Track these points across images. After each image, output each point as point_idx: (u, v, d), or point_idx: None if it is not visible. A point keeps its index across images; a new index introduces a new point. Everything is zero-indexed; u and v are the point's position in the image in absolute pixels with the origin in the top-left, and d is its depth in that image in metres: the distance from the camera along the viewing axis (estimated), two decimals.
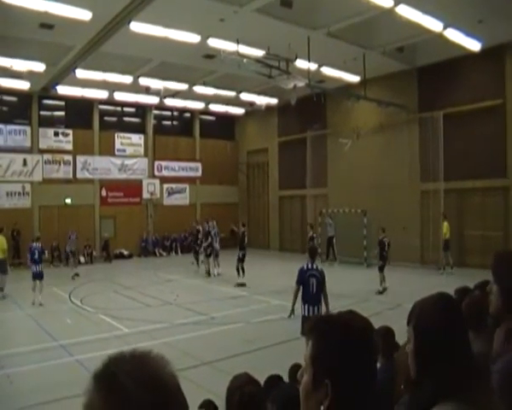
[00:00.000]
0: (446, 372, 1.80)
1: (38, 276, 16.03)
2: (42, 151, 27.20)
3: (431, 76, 22.53)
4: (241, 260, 19.46)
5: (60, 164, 27.74)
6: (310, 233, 20.28)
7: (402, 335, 4.33)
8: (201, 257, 22.37)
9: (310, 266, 9.11)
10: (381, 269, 16.98)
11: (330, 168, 27.90)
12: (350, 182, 25.83)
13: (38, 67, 21.03)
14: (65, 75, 22.74)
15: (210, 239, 21.46)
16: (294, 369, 4.30)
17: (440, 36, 18.05)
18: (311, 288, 8.93)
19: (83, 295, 17.47)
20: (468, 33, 18.32)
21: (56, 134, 27.84)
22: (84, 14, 15.66)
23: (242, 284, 18.74)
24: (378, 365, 4.42)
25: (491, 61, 20.37)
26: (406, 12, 15.97)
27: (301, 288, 9.03)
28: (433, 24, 17.11)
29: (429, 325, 1.92)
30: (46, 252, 17.99)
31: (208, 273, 21.37)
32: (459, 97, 21.29)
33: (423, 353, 1.91)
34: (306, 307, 8.93)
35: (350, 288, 17.58)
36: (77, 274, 22.02)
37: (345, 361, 1.46)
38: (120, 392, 0.98)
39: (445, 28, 17.55)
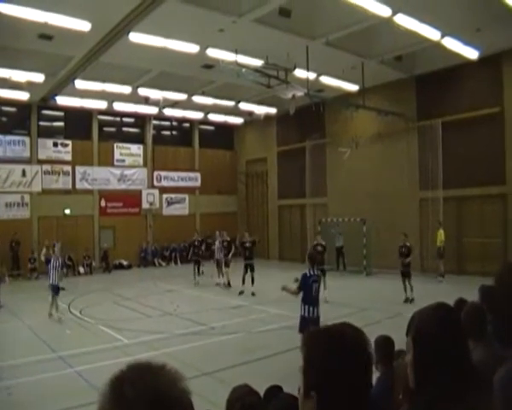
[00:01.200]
0: (444, 382, 1.79)
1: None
2: (41, 162, 27.19)
3: (429, 84, 22.61)
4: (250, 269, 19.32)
5: (59, 175, 27.73)
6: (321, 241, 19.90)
7: (401, 344, 4.33)
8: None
9: (312, 272, 9.65)
10: (404, 275, 16.61)
11: (329, 177, 27.92)
12: (349, 191, 25.84)
13: (38, 77, 21.10)
14: (64, 86, 22.78)
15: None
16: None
17: (438, 44, 18.16)
18: (313, 291, 9.54)
19: (82, 306, 17.42)
20: (466, 42, 18.45)
21: (55, 145, 27.84)
22: (83, 25, 15.72)
23: (253, 294, 18.68)
24: (377, 374, 4.43)
25: (489, 69, 20.45)
26: (404, 21, 16.06)
27: (303, 291, 9.50)
28: (430, 33, 17.21)
29: (428, 336, 1.91)
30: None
31: (229, 284, 20.85)
32: (457, 105, 21.37)
33: (422, 363, 1.91)
34: (307, 308, 9.47)
35: (349, 297, 17.57)
36: (62, 288, 21.45)
37: (331, 374, 1.48)
38: (122, 402, 1.00)
39: (442, 37, 17.66)
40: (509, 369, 2.03)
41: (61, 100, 25.38)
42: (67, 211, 27.61)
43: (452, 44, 18.37)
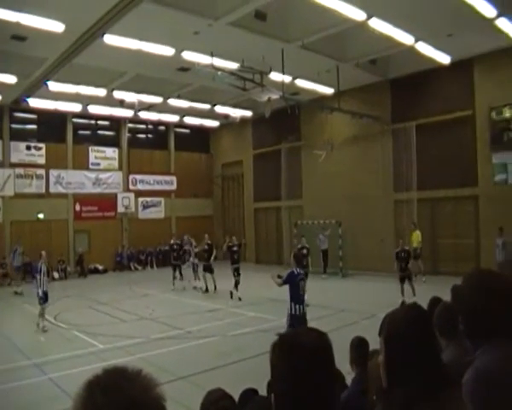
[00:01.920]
0: (416, 382, 1.81)
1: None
2: (13, 165, 26.74)
3: (403, 88, 22.88)
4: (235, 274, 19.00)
5: (32, 178, 27.30)
6: (305, 244, 19.89)
7: (377, 345, 4.36)
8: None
9: (299, 271, 10.04)
10: (403, 280, 16.48)
11: (305, 180, 28.05)
12: (324, 193, 25.98)
13: (10, 79, 20.76)
14: (37, 88, 22.45)
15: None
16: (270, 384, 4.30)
17: (412, 49, 18.45)
18: (300, 289, 9.86)
19: (57, 311, 17.16)
20: (438, 47, 18.74)
21: (28, 148, 27.43)
22: (57, 26, 15.52)
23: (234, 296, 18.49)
24: (352, 375, 4.46)
25: (461, 73, 20.80)
26: (378, 25, 16.27)
27: (291, 289, 9.83)
28: (404, 37, 17.49)
29: (398, 336, 1.93)
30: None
31: (207, 290, 20.56)
32: (431, 109, 21.67)
33: (393, 363, 1.93)
34: (296, 306, 9.79)
35: (326, 298, 17.64)
36: (20, 292, 21.20)
37: (286, 379, 1.52)
38: (93, 408, 0.99)
39: (416, 41, 17.93)
40: (477, 367, 2.06)
41: (35, 102, 24.94)
42: (41, 215, 27.19)
43: (425, 49, 18.68)
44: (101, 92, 23.66)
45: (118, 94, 24.22)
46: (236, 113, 29.09)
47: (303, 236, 20.76)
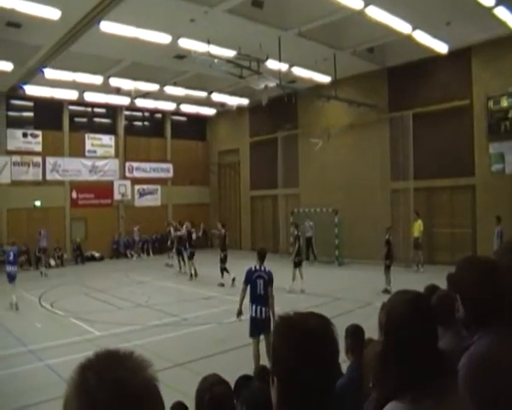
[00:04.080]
0: (412, 369, 1.82)
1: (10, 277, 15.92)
2: (10, 153, 26.61)
3: (401, 76, 22.81)
4: (222, 261, 19.41)
5: (29, 166, 27.20)
6: (295, 232, 20.07)
7: (372, 333, 4.39)
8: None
9: (258, 267, 9.21)
10: (388, 268, 16.86)
11: (301, 168, 28.04)
12: (321, 181, 25.98)
13: (6, 66, 20.59)
14: (33, 75, 22.34)
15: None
16: (262, 371, 4.34)
17: (409, 37, 18.34)
18: (258, 289, 9.03)
19: (53, 298, 17.21)
20: (436, 35, 18.67)
21: (25, 135, 27.31)
22: (53, 13, 15.37)
23: (222, 285, 18.71)
24: (348, 363, 4.49)
25: (459, 62, 20.74)
26: (376, 13, 16.18)
27: (249, 289, 9.12)
28: (401, 25, 17.39)
29: (396, 324, 1.94)
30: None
31: (191, 276, 21.01)
32: (428, 97, 21.63)
33: (389, 350, 1.94)
34: (254, 307, 9.03)
35: (322, 286, 17.72)
36: (45, 274, 22.71)
37: (293, 362, 1.49)
38: (86, 392, 0.99)
39: (413, 30, 17.84)
40: (471, 354, 2.08)
41: (31, 90, 24.81)
42: (38, 203, 27.14)
43: (423, 37, 18.59)
44: (97, 80, 23.54)
45: (114, 81, 24.10)
46: (233, 101, 29.04)
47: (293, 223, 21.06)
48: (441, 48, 19.80)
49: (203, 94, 27.51)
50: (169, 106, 30.70)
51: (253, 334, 9.01)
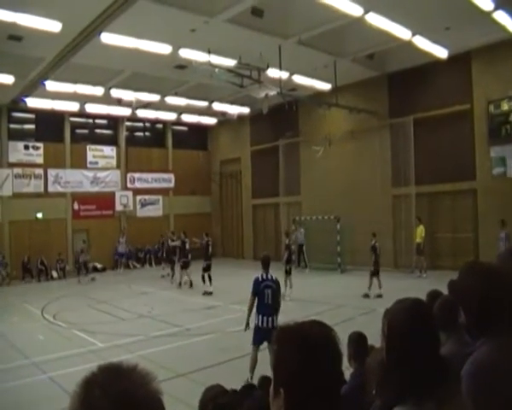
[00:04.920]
0: (409, 375, 1.81)
1: None
2: (11, 165, 26.67)
3: (401, 82, 22.83)
4: (205, 269, 19.60)
5: (30, 178, 27.24)
6: (286, 241, 20.31)
7: (375, 340, 4.36)
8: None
9: (265, 276, 9.03)
10: (374, 274, 17.14)
11: (303, 176, 28.03)
12: (323, 189, 25.96)
13: (7, 79, 20.68)
14: (35, 87, 22.42)
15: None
16: (263, 380, 4.31)
17: (409, 43, 18.37)
18: (266, 299, 8.85)
19: (55, 310, 17.19)
20: (436, 40, 18.70)
21: (26, 147, 27.37)
22: (54, 26, 15.44)
23: (209, 293, 18.87)
24: (351, 370, 4.46)
25: (459, 67, 20.75)
26: (375, 20, 16.22)
27: (257, 299, 8.94)
28: (401, 32, 17.42)
29: (397, 331, 1.93)
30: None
31: (180, 284, 21.28)
32: (429, 103, 21.63)
33: (392, 357, 1.93)
34: (261, 317, 8.88)
35: (324, 294, 17.69)
36: (93, 278, 25.01)
37: (298, 371, 1.47)
38: (91, 406, 0.99)
39: (413, 36, 17.87)
40: (474, 360, 2.06)
41: (32, 102, 24.89)
42: (39, 215, 27.14)
43: (422, 43, 18.62)
44: (98, 91, 23.59)
45: (115, 92, 24.15)
46: (234, 110, 29.10)
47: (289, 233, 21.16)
48: (441, 53, 19.83)
49: (204, 103, 27.54)
50: (170, 116, 30.75)
51: (256, 343, 8.96)
